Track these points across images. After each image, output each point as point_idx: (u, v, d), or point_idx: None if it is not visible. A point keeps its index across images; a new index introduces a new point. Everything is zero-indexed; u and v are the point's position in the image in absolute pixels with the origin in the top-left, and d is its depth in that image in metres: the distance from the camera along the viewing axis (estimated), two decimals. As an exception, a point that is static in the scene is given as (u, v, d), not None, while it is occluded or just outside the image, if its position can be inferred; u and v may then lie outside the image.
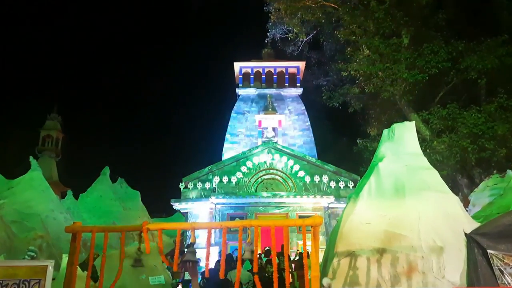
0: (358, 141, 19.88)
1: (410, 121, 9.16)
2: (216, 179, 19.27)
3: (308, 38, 22.82)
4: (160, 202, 28.19)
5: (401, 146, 7.84)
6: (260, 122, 22.90)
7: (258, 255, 8.39)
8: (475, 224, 6.79)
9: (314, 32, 22.76)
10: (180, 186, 19.45)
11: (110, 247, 8.29)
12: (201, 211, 18.94)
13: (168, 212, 25.32)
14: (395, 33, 18.28)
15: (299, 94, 25.61)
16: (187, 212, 19.12)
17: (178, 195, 19.42)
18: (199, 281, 10.86)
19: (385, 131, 8.28)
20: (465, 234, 6.49)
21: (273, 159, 19.55)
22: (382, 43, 17.53)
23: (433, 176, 7.51)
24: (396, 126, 8.12)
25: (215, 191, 18.80)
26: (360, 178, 9.32)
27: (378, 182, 7.49)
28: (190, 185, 19.47)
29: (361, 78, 18.61)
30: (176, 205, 19.07)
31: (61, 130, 33.49)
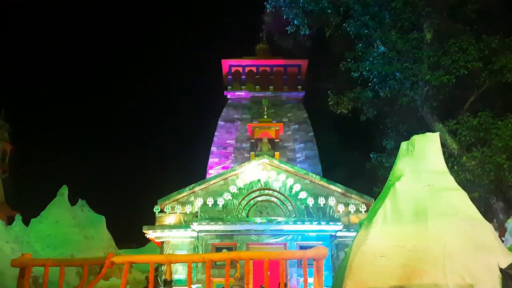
0: (371, 155, 19.97)
1: (433, 132, 9.25)
2: (199, 201, 19.19)
3: (311, 31, 23.03)
4: (130, 230, 27.97)
5: (423, 162, 7.91)
6: (253, 132, 22.97)
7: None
8: (512, 257, 6.82)
9: (319, 25, 23.00)
10: (154, 210, 19.32)
11: (67, 285, 8.21)
12: (180, 241, 18.80)
13: (139, 242, 25.18)
14: (415, 27, 18.54)
15: (301, 98, 25.79)
16: (163, 242, 18.97)
17: (152, 221, 19.30)
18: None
19: (404, 144, 8.37)
20: (500, 269, 6.51)
21: (269, 177, 19.55)
22: (400, 38, 17.76)
23: (462, 198, 7.57)
24: (417, 138, 8.20)
25: (197, 216, 18.71)
26: (374, 201, 9.35)
27: (395, 205, 7.53)
28: (167, 209, 19.36)
29: (375, 80, 18.78)
30: (150, 233, 18.92)
31: (9, 141, 33.28)
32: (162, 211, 19.49)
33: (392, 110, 20.28)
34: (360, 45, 19.41)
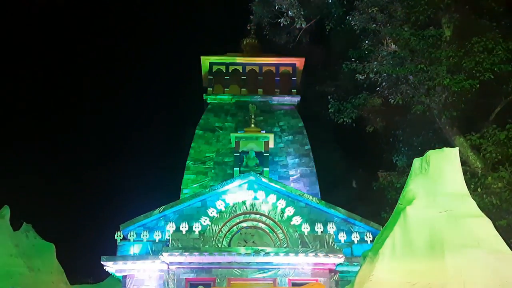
0: (379, 174, 20.05)
1: (452, 146, 9.34)
2: (171, 227, 19.06)
3: (308, 24, 23.21)
4: (86, 261, 27.55)
5: (440, 183, 7.97)
6: (237, 143, 22.97)
7: None
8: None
9: (318, 17, 23.17)
10: (116, 237, 19.15)
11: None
12: (146, 275, 18.63)
13: (97, 276, 24.76)
14: (432, 22, 18.76)
15: (296, 104, 25.88)
16: (125, 276, 18.77)
17: (113, 251, 19.13)
18: None
19: (417, 161, 8.43)
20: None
21: (255, 198, 19.48)
22: (414, 35, 17.96)
23: (486, 227, 7.63)
24: (433, 154, 8.27)
25: (168, 245, 18.56)
26: (382, 228, 9.40)
27: (406, 235, 7.57)
28: (132, 236, 19.20)
29: (384, 83, 18.93)
30: (110, 265, 18.71)
31: None
32: (125, 238, 19.30)
33: (404, 120, 20.42)
34: (366, 42, 19.60)
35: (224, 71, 26.39)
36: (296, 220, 19.14)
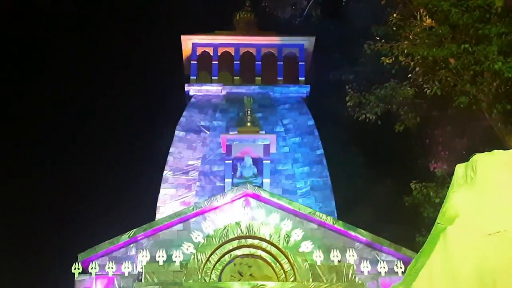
0: (412, 186, 20.08)
1: (506, 149, 9.32)
2: (144, 256, 19.08)
3: (320, -7, 23.26)
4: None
5: (490, 196, 7.93)
6: (229, 147, 22.97)
7: None
8: None
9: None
10: (73, 270, 19.14)
11: None
12: (113, 319, 18.64)
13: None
14: (479, -11, 18.82)
15: (304, 96, 25.91)
16: (86, 320, 18.80)
17: (70, 286, 19.11)
18: None
19: (460, 169, 8.38)
20: None
21: (253, 218, 19.53)
22: (455, 6, 17.98)
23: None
24: (480, 159, 8.23)
25: (141, 280, 18.58)
26: (416, 256, 9.36)
27: (447, 263, 7.52)
28: (94, 268, 19.18)
29: (417, 69, 18.95)
30: (65, 306, 18.74)
31: None
32: (85, 271, 19.30)
33: (443, 115, 20.43)
34: (394, 15, 19.61)
35: (212, 54, 26.47)
36: (306, 246, 19.16)
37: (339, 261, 18.92)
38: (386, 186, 28.07)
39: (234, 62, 26.34)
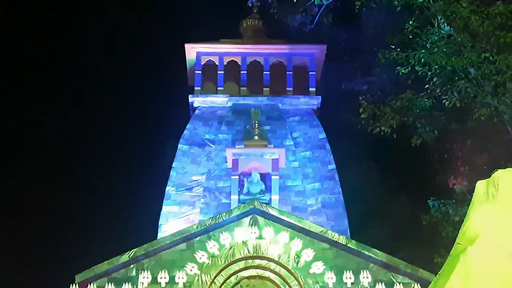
0: (430, 204, 20.09)
1: (529, 164, 9.40)
2: (145, 278, 19.10)
3: (331, 0, 23.34)
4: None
5: (512, 214, 8.00)
6: (236, 162, 23.02)
7: None
8: None
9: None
10: (71, 292, 19.22)
11: None
12: None
13: None
14: (500, -5, 18.88)
15: (315, 108, 25.96)
16: None
17: (67, 310, 19.19)
18: None
19: (481, 184, 8.44)
20: None
21: (261, 237, 19.54)
22: (475, 13, 18.05)
23: None
24: (503, 175, 8.28)
25: (142, 302, 18.61)
26: (434, 277, 9.42)
27: (468, 286, 7.58)
28: (92, 290, 19.25)
29: (435, 79, 19.01)
30: (62, 331, 18.78)
31: None
32: (83, 293, 19.35)
33: (463, 128, 20.44)
34: (411, 22, 19.69)
35: (217, 63, 26.52)
36: (317, 267, 19.16)
37: (352, 283, 18.89)
38: (402, 203, 28.05)
39: (241, 72, 26.36)
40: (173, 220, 23.15)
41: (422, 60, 18.83)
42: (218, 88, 26.16)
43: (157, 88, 41.92)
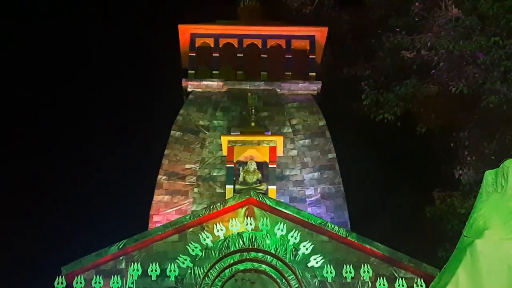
0: (435, 194, 20.09)
1: (541, 154, 9.37)
2: (136, 270, 19.06)
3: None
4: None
5: (523, 206, 7.95)
6: (231, 150, 23.00)
7: None
8: None
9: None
10: (56, 285, 19.16)
11: None
12: None
13: None
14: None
15: (315, 93, 25.93)
16: None
17: (51, 304, 19.23)
18: None
19: (489, 175, 8.40)
20: None
21: (257, 228, 19.53)
22: (485, -5, 18.06)
23: None
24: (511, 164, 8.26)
25: (132, 296, 18.63)
26: (439, 272, 9.40)
27: (475, 280, 7.52)
28: (79, 282, 19.18)
29: (442, 64, 18.99)
30: (48, 325, 18.80)
31: None
32: (69, 286, 19.33)
33: (471, 117, 20.44)
34: (417, 4, 19.67)
35: (213, 46, 26.40)
36: (316, 261, 19.18)
37: (352, 278, 18.89)
38: (406, 194, 28.06)
39: (237, 55, 26.22)
40: (165, 210, 23.12)
41: (428, 44, 18.83)
42: (213, 72, 26.02)
43: (149, 71, 41.82)
